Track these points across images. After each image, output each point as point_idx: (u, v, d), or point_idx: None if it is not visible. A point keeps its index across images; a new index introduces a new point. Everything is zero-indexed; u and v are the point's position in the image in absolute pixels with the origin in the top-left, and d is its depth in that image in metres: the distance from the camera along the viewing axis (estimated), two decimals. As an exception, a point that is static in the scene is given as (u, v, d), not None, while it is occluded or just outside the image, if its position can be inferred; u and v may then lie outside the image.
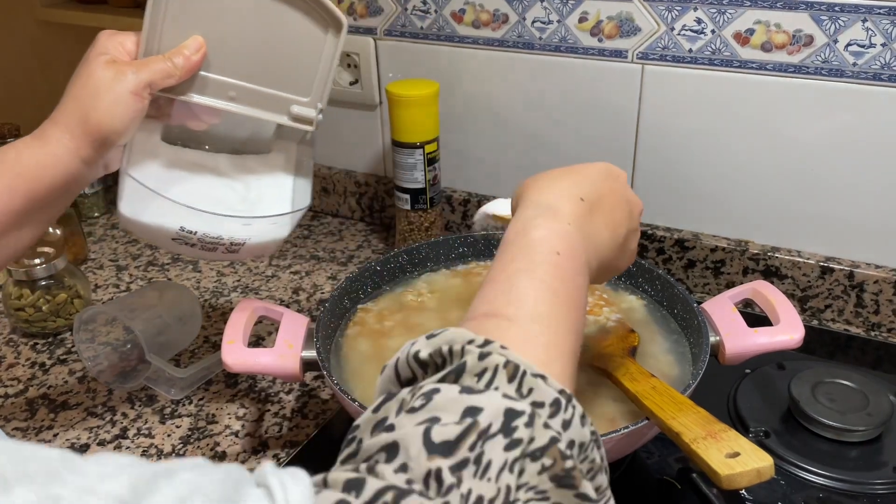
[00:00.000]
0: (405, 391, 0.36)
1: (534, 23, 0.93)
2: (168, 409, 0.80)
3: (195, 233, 0.66)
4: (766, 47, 0.83)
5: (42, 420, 0.79)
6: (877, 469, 0.68)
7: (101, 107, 0.59)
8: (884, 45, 0.78)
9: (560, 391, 0.36)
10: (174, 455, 0.74)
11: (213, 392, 0.82)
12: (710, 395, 0.66)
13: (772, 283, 0.77)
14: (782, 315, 0.69)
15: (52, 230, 1.04)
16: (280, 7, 0.64)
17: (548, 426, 0.34)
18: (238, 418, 0.78)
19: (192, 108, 0.68)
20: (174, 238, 0.67)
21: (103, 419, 0.79)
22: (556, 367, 0.41)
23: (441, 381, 0.36)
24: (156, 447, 0.75)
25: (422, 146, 0.95)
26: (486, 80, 1.00)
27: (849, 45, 0.79)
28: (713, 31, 0.84)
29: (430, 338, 0.39)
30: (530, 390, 0.36)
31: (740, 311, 0.71)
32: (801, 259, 0.89)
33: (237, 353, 0.68)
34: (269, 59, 0.66)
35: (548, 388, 0.36)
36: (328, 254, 1.10)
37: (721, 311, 0.72)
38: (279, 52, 0.66)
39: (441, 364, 0.38)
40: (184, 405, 0.80)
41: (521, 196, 0.54)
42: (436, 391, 0.35)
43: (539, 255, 0.46)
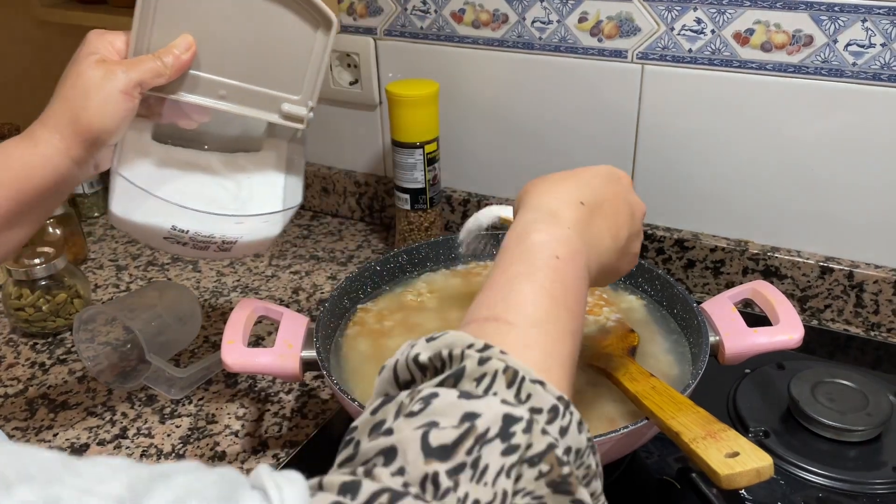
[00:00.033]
0: (404, 394, 0.36)
1: (533, 23, 0.93)
2: (168, 409, 0.80)
3: (187, 231, 0.66)
4: (765, 47, 0.83)
5: (42, 420, 0.79)
6: (876, 469, 0.68)
7: (91, 106, 0.59)
8: (883, 45, 0.78)
9: (558, 397, 0.37)
10: (174, 455, 0.74)
11: (213, 392, 0.82)
12: (709, 395, 0.66)
13: (771, 283, 0.77)
14: (782, 315, 0.69)
15: (51, 230, 1.04)
16: (270, 5, 0.64)
17: (545, 432, 0.35)
18: (238, 418, 0.78)
19: (183, 107, 0.68)
20: (166, 237, 0.67)
21: (103, 419, 0.79)
22: (554, 372, 0.41)
23: (440, 385, 0.36)
24: (155, 447, 0.75)
25: (422, 146, 0.95)
26: (486, 80, 1.00)
27: (848, 45, 0.79)
28: (713, 31, 0.84)
29: (430, 341, 0.39)
30: (529, 396, 0.36)
31: (740, 311, 0.71)
32: (800, 259, 0.90)
33: (237, 353, 0.68)
34: (260, 58, 0.66)
35: (546, 394, 0.36)
36: (328, 254, 1.10)
37: (721, 310, 0.72)
38: (269, 50, 0.66)
39: (440, 367, 0.38)
40: (183, 405, 0.80)
41: (523, 199, 0.54)
42: (434, 395, 0.35)
43: (539, 260, 0.46)
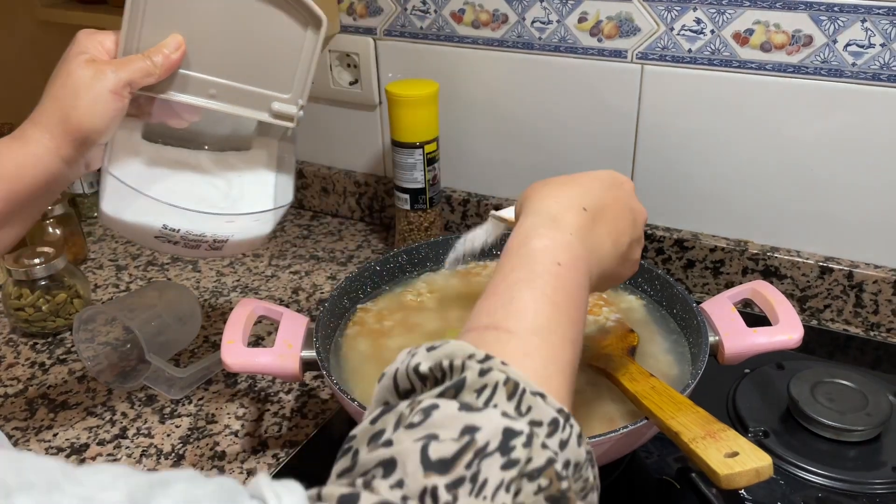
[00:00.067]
0: (404, 404, 0.36)
1: (533, 23, 0.93)
2: (168, 409, 0.80)
3: (178, 230, 0.66)
4: (765, 47, 0.83)
5: (42, 420, 0.79)
6: (876, 469, 0.68)
7: (81, 106, 0.59)
8: (883, 45, 0.78)
9: (558, 410, 0.36)
10: (174, 455, 0.74)
11: (213, 392, 0.82)
12: (709, 394, 0.66)
13: (771, 283, 0.77)
14: (781, 315, 0.69)
15: (51, 230, 1.04)
16: (259, 5, 0.64)
17: (545, 446, 0.34)
18: (238, 418, 0.78)
19: (173, 107, 0.68)
20: (157, 236, 0.67)
21: (103, 419, 0.79)
22: (554, 382, 0.41)
23: (440, 395, 0.36)
24: (155, 447, 0.75)
25: (421, 146, 0.95)
26: (486, 81, 1.00)
27: (848, 45, 0.79)
28: (712, 32, 0.84)
29: (431, 350, 0.38)
30: (529, 408, 0.36)
31: (739, 311, 0.72)
32: (800, 259, 0.90)
33: (237, 353, 0.68)
34: (249, 57, 0.66)
35: (546, 406, 0.36)
36: (328, 254, 1.10)
37: (720, 310, 0.72)
38: (259, 49, 0.66)
39: (441, 378, 0.38)
40: (183, 405, 0.80)
41: (524, 203, 0.53)
42: (434, 407, 0.35)
43: (540, 266, 0.46)
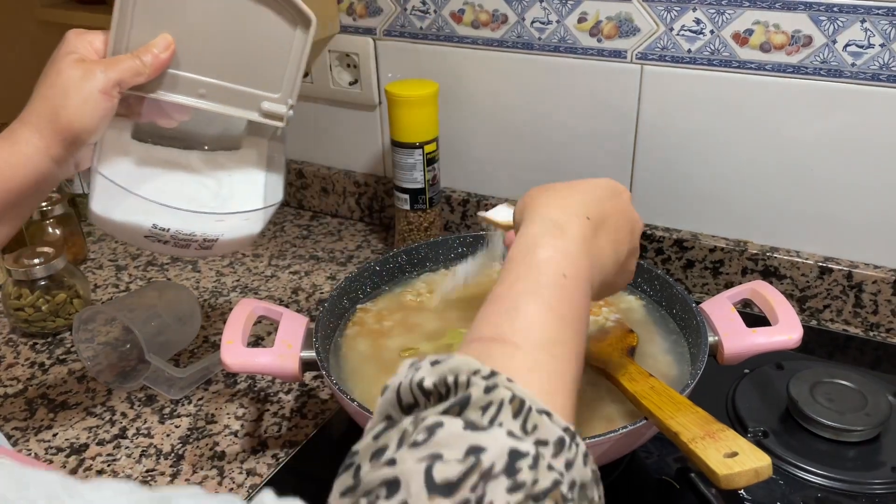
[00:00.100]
0: (407, 420, 0.35)
1: (533, 23, 0.93)
2: (167, 409, 0.80)
3: (168, 230, 0.66)
4: (764, 48, 0.83)
5: (41, 420, 0.79)
6: (875, 469, 0.68)
7: (70, 105, 0.59)
8: (882, 45, 0.78)
9: (564, 429, 0.36)
10: (173, 455, 0.74)
11: (213, 392, 0.82)
12: (708, 395, 0.66)
13: (770, 284, 0.77)
14: (781, 315, 0.69)
15: (51, 230, 1.04)
16: (248, 4, 0.64)
17: (551, 467, 0.34)
18: (237, 418, 0.78)
19: (162, 106, 0.67)
20: (147, 235, 0.66)
21: (102, 419, 0.79)
22: (559, 397, 0.40)
23: (445, 412, 0.36)
24: (155, 447, 0.75)
25: (421, 146, 0.95)
26: (486, 81, 1.00)
27: (847, 45, 0.79)
28: (712, 32, 0.84)
29: (435, 364, 0.38)
30: (535, 427, 0.35)
31: (739, 312, 0.72)
32: (799, 259, 0.90)
33: (236, 353, 0.68)
34: (239, 56, 0.66)
35: (552, 425, 0.36)
36: (327, 254, 1.10)
37: (720, 311, 0.72)
38: (248, 48, 0.66)
39: (445, 393, 0.37)
40: (183, 405, 0.80)
41: (526, 209, 0.53)
42: (439, 425, 0.34)
43: (545, 277, 0.45)
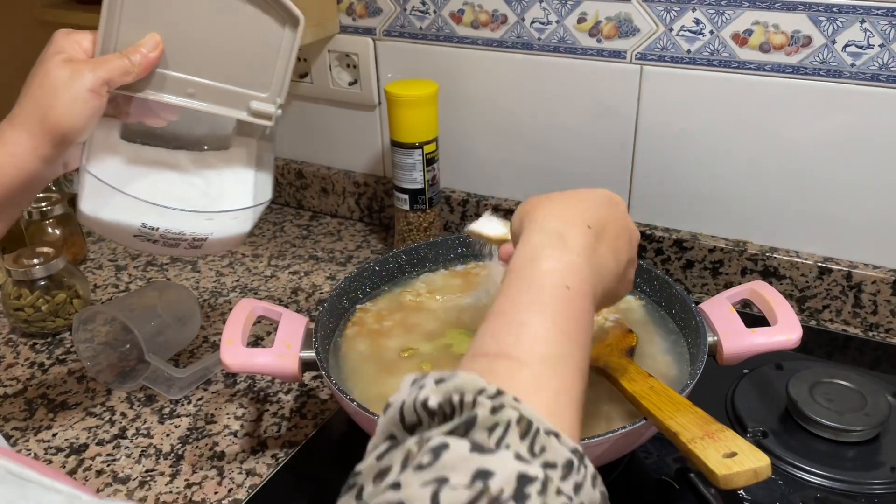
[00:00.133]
0: (412, 441, 0.35)
1: (533, 23, 0.93)
2: (167, 409, 0.80)
3: (157, 229, 0.66)
4: (764, 48, 0.83)
5: (41, 420, 0.79)
6: (874, 469, 0.68)
7: (59, 105, 0.59)
8: (882, 45, 0.78)
9: (573, 450, 0.35)
10: (173, 455, 0.74)
11: (212, 392, 0.82)
12: (708, 395, 0.66)
13: (770, 284, 0.77)
14: (780, 315, 0.69)
15: (51, 230, 1.04)
16: (237, 4, 0.64)
17: (560, 492, 0.33)
18: (237, 418, 0.79)
19: (151, 106, 0.67)
20: (136, 234, 0.66)
21: (102, 419, 0.79)
22: (566, 415, 0.40)
23: (450, 433, 0.35)
24: (154, 447, 0.75)
25: (421, 146, 0.95)
26: (485, 81, 1.00)
27: (847, 45, 0.79)
28: (711, 32, 0.84)
29: (440, 382, 0.37)
30: (543, 449, 0.35)
31: (738, 312, 0.72)
32: (799, 259, 0.90)
33: (236, 353, 0.68)
34: (227, 56, 0.66)
35: (561, 447, 0.35)
36: (327, 254, 1.10)
37: (719, 311, 0.72)
38: (237, 48, 0.66)
39: (451, 413, 0.36)
40: (183, 405, 0.80)
41: (526, 219, 0.52)
42: (445, 447, 0.33)
43: (549, 290, 0.45)
